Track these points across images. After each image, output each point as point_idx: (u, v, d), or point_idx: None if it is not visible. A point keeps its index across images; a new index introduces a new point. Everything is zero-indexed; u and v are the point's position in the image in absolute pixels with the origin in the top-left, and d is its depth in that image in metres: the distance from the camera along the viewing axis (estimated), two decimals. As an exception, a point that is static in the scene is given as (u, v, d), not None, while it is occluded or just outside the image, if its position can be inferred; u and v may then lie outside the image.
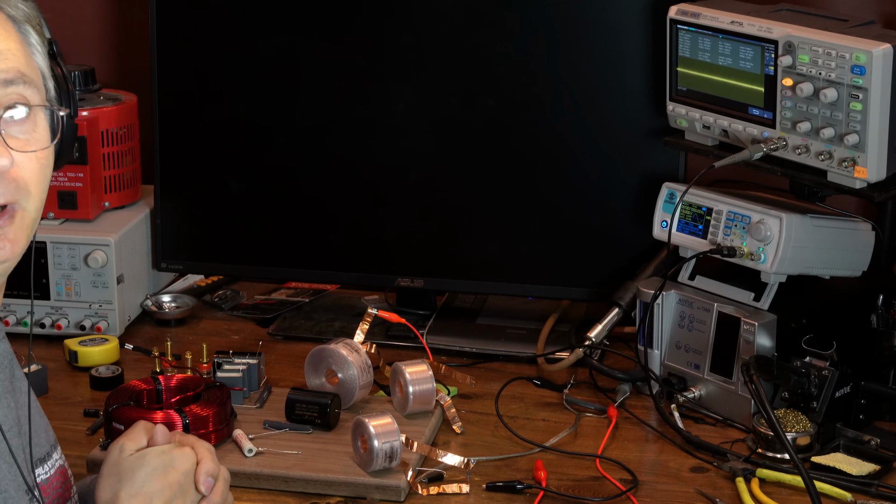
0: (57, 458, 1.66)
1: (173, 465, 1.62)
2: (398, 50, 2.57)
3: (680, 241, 2.37)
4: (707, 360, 2.31)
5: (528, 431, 2.27)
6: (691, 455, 2.20)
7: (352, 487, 2.08)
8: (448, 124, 2.57)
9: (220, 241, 2.70)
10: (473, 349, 2.57)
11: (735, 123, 2.30)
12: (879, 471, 2.12)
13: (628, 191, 2.53)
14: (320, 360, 2.31)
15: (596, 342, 2.43)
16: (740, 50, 2.26)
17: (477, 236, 2.60)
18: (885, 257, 2.48)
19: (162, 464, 1.62)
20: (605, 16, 2.50)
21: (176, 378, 2.25)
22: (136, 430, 1.65)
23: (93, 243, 2.57)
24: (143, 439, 1.65)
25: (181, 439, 1.66)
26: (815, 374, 2.19)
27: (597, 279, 2.55)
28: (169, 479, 1.61)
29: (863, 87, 2.12)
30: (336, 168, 2.62)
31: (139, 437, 1.65)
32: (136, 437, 1.65)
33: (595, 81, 2.52)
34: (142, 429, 1.66)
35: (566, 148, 2.54)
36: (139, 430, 1.65)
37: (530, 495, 2.08)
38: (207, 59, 2.65)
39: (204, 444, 1.67)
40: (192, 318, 2.72)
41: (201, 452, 1.65)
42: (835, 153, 2.18)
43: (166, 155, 2.67)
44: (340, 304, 2.79)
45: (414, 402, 2.26)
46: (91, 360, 2.50)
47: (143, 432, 1.65)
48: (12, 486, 1.53)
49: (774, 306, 2.28)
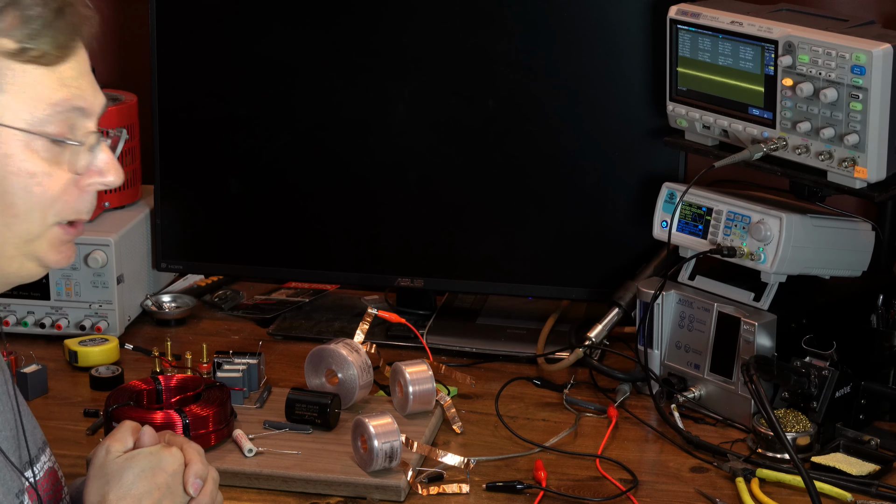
0: (46, 460, 1.65)
1: (161, 467, 1.61)
2: (398, 50, 2.57)
3: (680, 241, 2.37)
4: (707, 360, 2.31)
5: (528, 431, 2.27)
6: (691, 455, 2.20)
7: (352, 487, 2.08)
8: (447, 124, 2.57)
9: (219, 241, 2.70)
10: (473, 349, 2.57)
11: (735, 123, 2.30)
12: (879, 471, 2.12)
13: (628, 191, 2.53)
14: (320, 360, 2.31)
15: (596, 342, 2.43)
16: (740, 50, 2.26)
17: (477, 236, 2.60)
18: (885, 257, 2.48)
19: (150, 465, 1.61)
20: (605, 16, 2.50)
21: (176, 378, 2.25)
22: (122, 431, 1.64)
23: (93, 243, 2.57)
24: (130, 440, 1.64)
25: (170, 439, 1.66)
26: (815, 374, 2.19)
27: (597, 279, 2.55)
28: (157, 481, 1.60)
29: (863, 87, 2.12)
30: (336, 168, 2.62)
31: (125, 437, 1.64)
32: (122, 437, 1.64)
33: (595, 81, 2.52)
34: (128, 429, 1.65)
35: (566, 148, 2.54)
36: (125, 431, 1.64)
37: (530, 495, 2.08)
38: (207, 59, 2.65)
39: (192, 445, 1.66)
40: (192, 318, 2.72)
41: (189, 453, 1.64)
42: (835, 153, 2.18)
43: (166, 155, 2.67)
44: (340, 304, 2.79)
45: (414, 402, 2.26)
46: (91, 360, 2.50)
47: (128, 433, 1.64)
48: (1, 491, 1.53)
49: (774, 306, 2.28)
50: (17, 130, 1.44)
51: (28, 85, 1.44)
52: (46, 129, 1.46)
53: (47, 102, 1.46)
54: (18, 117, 1.44)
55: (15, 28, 1.43)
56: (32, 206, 1.47)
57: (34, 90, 1.45)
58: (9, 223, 1.47)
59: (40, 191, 1.47)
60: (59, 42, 1.45)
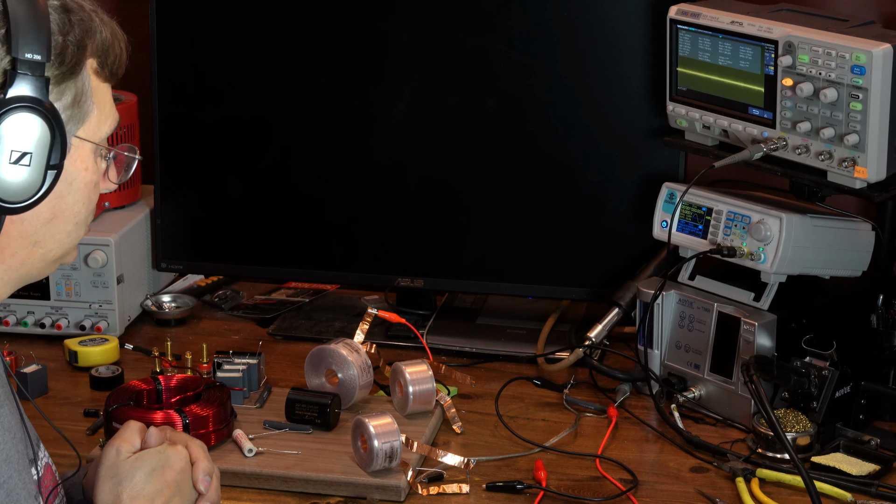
0: (43, 456, 1.67)
1: (169, 465, 1.66)
2: (398, 49, 2.57)
3: (680, 241, 2.37)
4: (707, 360, 2.31)
5: (528, 431, 2.27)
6: (691, 455, 2.20)
7: (352, 487, 2.08)
8: (448, 124, 2.57)
9: (220, 241, 2.70)
10: (473, 349, 2.57)
11: (735, 123, 2.30)
12: (879, 471, 2.12)
13: (628, 191, 2.53)
14: (320, 360, 2.31)
15: (596, 342, 2.43)
16: (740, 50, 2.26)
17: (477, 236, 2.60)
18: (885, 257, 2.48)
19: (159, 464, 1.66)
20: (605, 15, 2.50)
21: (176, 378, 2.25)
22: (130, 431, 1.69)
23: (93, 243, 2.57)
24: (137, 440, 1.69)
25: (171, 437, 1.70)
26: (815, 374, 2.19)
27: (597, 279, 2.55)
28: (167, 479, 1.66)
29: (863, 87, 2.12)
30: (336, 168, 2.62)
31: (133, 437, 1.68)
32: (130, 437, 1.68)
33: (595, 81, 2.52)
34: (135, 429, 1.69)
35: (566, 148, 2.54)
36: (132, 431, 1.69)
37: (530, 495, 2.08)
38: (207, 59, 2.65)
39: (196, 443, 1.71)
40: (192, 318, 2.72)
41: (195, 451, 1.70)
42: (835, 153, 2.18)
43: (166, 155, 2.67)
44: (340, 304, 2.79)
45: (414, 402, 2.26)
46: (91, 360, 2.50)
47: (136, 433, 1.69)
48: (23, 494, 1.54)
49: (774, 306, 2.28)
50: (95, 145, 1.54)
51: (105, 102, 1.55)
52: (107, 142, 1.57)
53: (113, 118, 1.57)
54: (98, 133, 1.55)
55: (96, 49, 1.53)
56: (89, 213, 1.57)
57: (108, 107, 1.56)
58: (70, 231, 1.55)
59: (95, 198, 1.57)
60: (121, 59, 1.57)
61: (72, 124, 1.50)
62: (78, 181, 1.53)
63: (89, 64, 1.52)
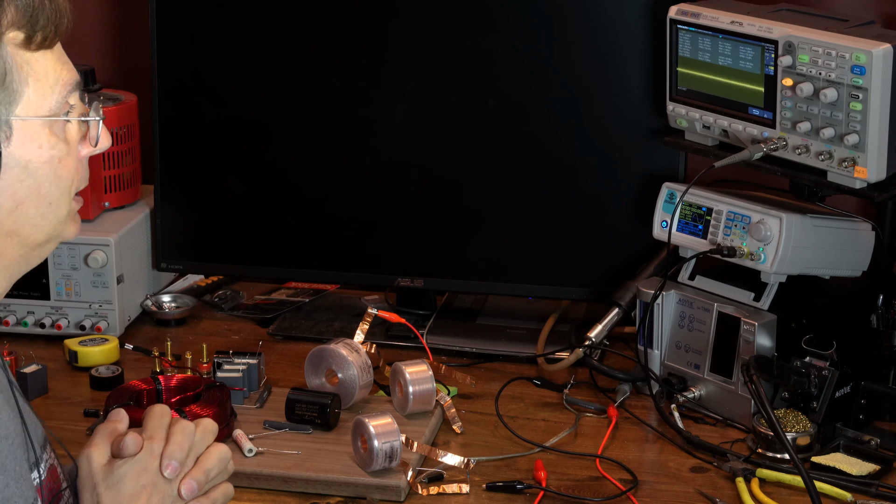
0: (47, 457, 1.65)
1: (144, 466, 1.60)
2: (398, 50, 2.57)
3: (680, 241, 2.37)
4: (707, 360, 2.31)
5: (528, 431, 2.27)
6: (691, 455, 2.20)
7: (352, 487, 2.08)
8: (447, 124, 2.57)
9: (220, 241, 2.70)
10: (473, 349, 2.57)
11: (735, 123, 2.30)
12: (879, 471, 2.12)
13: (628, 191, 2.53)
14: (320, 360, 2.31)
15: (596, 342, 2.43)
16: (740, 50, 2.26)
17: (477, 236, 2.60)
18: (885, 257, 2.48)
19: (133, 470, 1.60)
20: (605, 16, 2.50)
21: (176, 378, 2.25)
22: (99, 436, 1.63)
23: (93, 243, 2.57)
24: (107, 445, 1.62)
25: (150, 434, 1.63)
26: (815, 374, 2.19)
27: (597, 279, 2.55)
28: (142, 482, 1.60)
29: (863, 87, 2.12)
30: (336, 168, 2.62)
31: (102, 443, 1.62)
32: (98, 443, 1.62)
33: (595, 81, 2.52)
34: (104, 434, 1.63)
35: (566, 148, 2.54)
36: (102, 436, 1.63)
37: (530, 495, 2.08)
38: (207, 59, 2.65)
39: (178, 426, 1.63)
40: (192, 318, 2.72)
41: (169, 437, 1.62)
42: (835, 153, 2.18)
43: (166, 155, 2.67)
44: (340, 304, 2.79)
45: (414, 402, 2.26)
46: (91, 360, 2.50)
47: (105, 437, 1.63)
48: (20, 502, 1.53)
49: (774, 306, 2.28)
50: (43, 119, 1.46)
51: (44, 72, 1.46)
52: (63, 110, 1.48)
53: (62, 84, 1.48)
54: (43, 106, 1.46)
55: (18, 18, 1.44)
56: (63, 189, 1.49)
57: (51, 75, 1.47)
58: (44, 213, 1.49)
59: (66, 172, 1.49)
60: (55, 22, 1.47)
61: (2, 107, 1.42)
62: (34, 162, 1.45)
63: (9, 39, 1.42)
